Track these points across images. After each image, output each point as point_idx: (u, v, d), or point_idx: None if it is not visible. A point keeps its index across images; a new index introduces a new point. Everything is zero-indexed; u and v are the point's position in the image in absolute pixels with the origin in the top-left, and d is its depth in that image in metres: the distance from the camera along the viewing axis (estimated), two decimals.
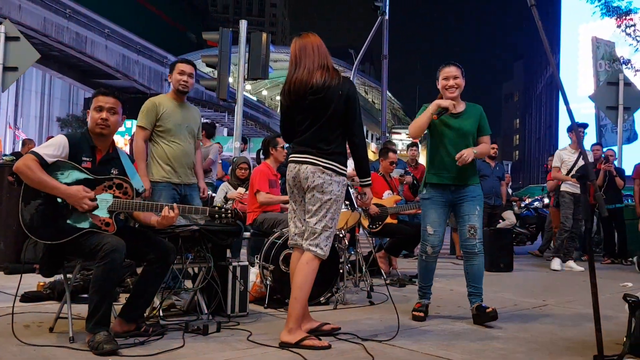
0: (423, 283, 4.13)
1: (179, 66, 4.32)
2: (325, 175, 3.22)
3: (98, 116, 3.24)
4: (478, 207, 3.95)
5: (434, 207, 4.01)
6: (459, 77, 3.95)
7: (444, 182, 3.98)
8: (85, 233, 3.07)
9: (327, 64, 3.30)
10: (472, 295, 3.96)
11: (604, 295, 4.92)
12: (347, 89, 3.27)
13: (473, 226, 3.91)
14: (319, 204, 3.23)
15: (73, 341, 3.04)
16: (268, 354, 2.98)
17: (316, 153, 3.25)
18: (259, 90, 56.63)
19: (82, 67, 29.75)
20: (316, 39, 3.34)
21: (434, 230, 3.99)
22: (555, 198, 8.57)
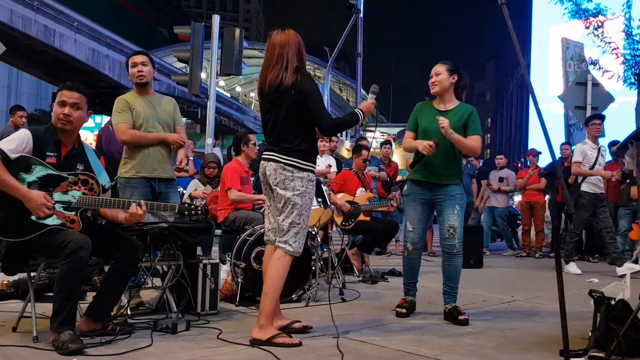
0: (406, 279, 4.15)
1: (130, 61, 4.22)
2: (286, 172, 3.24)
3: (60, 111, 3.16)
4: (457, 206, 3.93)
5: (413, 204, 4.05)
6: (440, 74, 3.97)
7: (421, 179, 4.00)
8: (50, 230, 3.00)
9: (286, 63, 3.28)
10: (446, 294, 3.98)
11: (570, 291, 5.00)
12: (302, 87, 3.24)
13: (452, 226, 3.90)
14: (283, 201, 3.25)
15: (37, 341, 2.98)
16: (238, 352, 2.95)
17: (278, 151, 3.29)
18: (232, 87, 56.31)
19: (50, 61, 29.08)
20: (282, 37, 3.32)
21: (412, 227, 4.03)
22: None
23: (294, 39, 3.32)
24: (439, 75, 3.98)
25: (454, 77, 4.00)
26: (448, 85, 3.98)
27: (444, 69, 3.99)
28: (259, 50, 47.35)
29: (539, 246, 9.18)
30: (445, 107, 4.01)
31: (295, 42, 3.32)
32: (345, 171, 6.80)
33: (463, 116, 3.96)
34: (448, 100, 4.02)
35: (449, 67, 4.00)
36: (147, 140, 4.09)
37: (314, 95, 3.24)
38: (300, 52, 3.33)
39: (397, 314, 3.96)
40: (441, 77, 3.97)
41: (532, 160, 9.50)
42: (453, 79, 4.00)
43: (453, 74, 3.99)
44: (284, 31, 3.35)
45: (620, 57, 13.98)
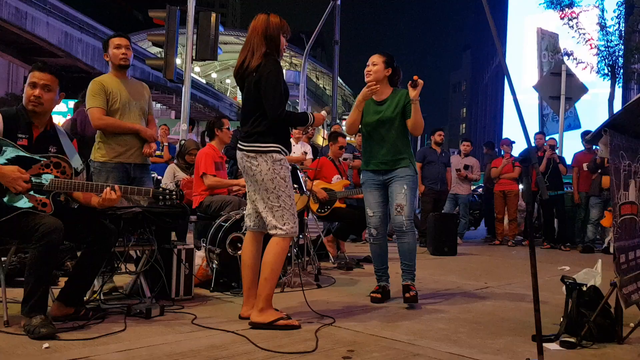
0: (377, 265, 4.18)
1: (113, 41, 4.13)
2: (250, 159, 3.25)
3: (31, 92, 3.09)
4: (405, 186, 3.98)
5: (369, 189, 4.13)
6: (377, 64, 4.03)
7: (373, 168, 4.10)
8: (21, 214, 2.94)
9: (252, 48, 3.28)
10: (403, 272, 4.03)
11: (542, 278, 5.09)
12: (261, 70, 3.22)
13: (399, 204, 3.95)
14: (257, 187, 3.27)
15: (8, 325, 2.94)
16: (212, 337, 2.94)
17: (242, 138, 3.32)
18: (208, 73, 55.73)
19: (21, 44, 28.42)
20: (258, 22, 3.32)
21: (373, 212, 4.10)
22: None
23: (262, 25, 3.30)
24: (375, 65, 4.05)
25: (388, 70, 4.07)
26: (381, 77, 4.04)
27: (380, 60, 4.06)
28: (235, 36, 46.90)
29: (512, 234, 9.31)
30: (381, 98, 4.09)
31: (262, 28, 3.29)
32: (321, 158, 6.80)
33: (400, 102, 4.03)
34: (382, 91, 4.07)
35: (385, 59, 4.07)
36: (122, 129, 4.03)
37: (270, 79, 3.20)
38: (270, 38, 3.28)
39: (372, 299, 3.99)
40: (376, 68, 4.04)
41: (506, 150, 9.60)
42: (387, 72, 4.07)
43: (388, 67, 4.06)
44: (257, 17, 3.36)
45: (594, 49, 14.20)
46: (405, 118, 4.03)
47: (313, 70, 53.30)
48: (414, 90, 3.92)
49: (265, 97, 3.20)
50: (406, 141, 4.11)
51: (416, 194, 4.16)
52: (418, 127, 4.02)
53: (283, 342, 2.87)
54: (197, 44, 9.79)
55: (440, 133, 8.77)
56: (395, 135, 4.05)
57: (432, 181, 8.44)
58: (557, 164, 8.92)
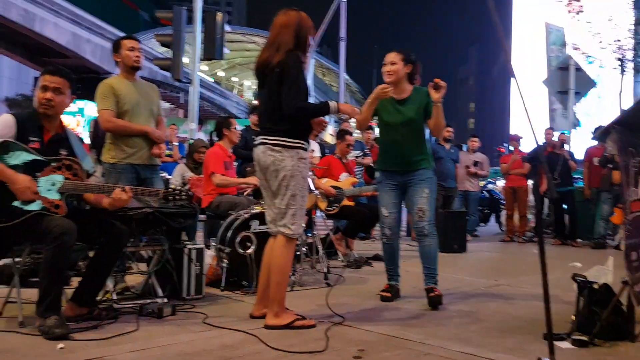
0: (388, 265, 4.17)
1: (127, 43, 4.15)
2: (275, 153, 3.19)
3: (42, 96, 3.12)
4: (426, 189, 3.94)
5: (385, 189, 4.07)
6: (396, 63, 3.94)
7: (391, 169, 4.04)
8: (35, 215, 2.97)
9: (279, 42, 3.24)
10: (425, 276, 4.01)
11: (553, 275, 5.02)
12: (283, 64, 3.19)
13: (421, 208, 3.93)
14: (277, 183, 3.21)
15: (23, 326, 2.97)
16: (224, 336, 2.96)
17: (265, 132, 3.26)
18: (215, 72, 55.78)
19: (31, 45, 28.57)
20: (282, 18, 3.28)
21: (388, 212, 4.05)
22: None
23: (294, 21, 3.26)
24: (394, 64, 3.95)
25: (408, 67, 3.98)
26: (403, 75, 3.97)
27: (398, 59, 3.96)
28: (241, 35, 46.92)
29: (522, 231, 9.28)
30: (401, 96, 4.00)
31: (294, 24, 3.25)
32: (328, 156, 6.80)
33: (422, 101, 3.96)
34: (403, 89, 4.00)
35: (403, 56, 3.98)
36: (131, 131, 4.06)
37: (291, 72, 3.17)
38: (299, 35, 3.26)
39: (381, 298, 3.99)
40: (396, 67, 3.94)
41: (515, 145, 9.55)
42: (407, 69, 3.98)
43: (408, 63, 3.97)
44: (286, 12, 3.31)
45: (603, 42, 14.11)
46: (426, 118, 3.98)
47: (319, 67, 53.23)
48: (436, 92, 3.81)
49: (285, 88, 3.16)
50: (425, 142, 4.06)
51: (435, 195, 4.12)
52: (440, 128, 3.98)
53: (294, 341, 2.89)
54: (204, 44, 9.82)
55: (449, 129, 8.72)
56: (416, 136, 4.00)
57: (441, 178, 8.39)
58: (566, 160, 8.86)
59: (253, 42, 48.50)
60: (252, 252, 4.26)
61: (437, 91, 3.81)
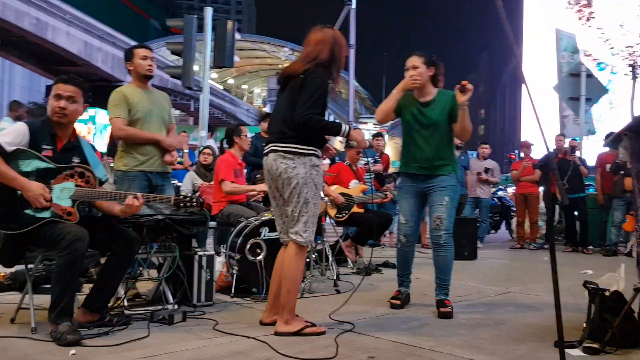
0: (400, 271, 4.13)
1: (140, 52, 4.20)
2: (287, 160, 3.17)
3: (56, 104, 3.16)
4: (447, 197, 3.86)
5: (405, 196, 4.01)
6: (418, 67, 3.85)
7: (414, 172, 3.95)
8: (47, 223, 3.01)
9: (313, 57, 3.25)
10: (437, 287, 3.94)
11: (565, 283, 5.02)
12: (309, 73, 3.20)
13: (439, 217, 3.86)
14: (289, 191, 3.19)
15: (35, 332, 3.00)
16: (234, 343, 2.97)
17: (277, 139, 3.24)
18: (225, 79, 56.06)
19: (43, 54, 28.87)
20: (318, 34, 3.31)
21: (405, 220, 4.00)
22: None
23: (330, 38, 3.29)
24: (416, 69, 3.86)
25: (431, 69, 3.90)
26: (427, 79, 3.90)
27: (420, 62, 3.87)
28: (251, 42, 47.14)
29: (533, 238, 9.22)
30: (425, 99, 3.93)
31: (330, 41, 3.29)
32: (338, 163, 6.82)
33: (446, 104, 3.87)
34: (427, 91, 3.93)
35: (424, 59, 3.89)
36: (142, 139, 4.10)
37: (314, 83, 3.17)
38: (334, 51, 3.28)
39: (391, 305, 3.97)
40: (419, 71, 3.86)
41: (526, 152, 9.52)
42: (430, 71, 3.90)
43: (430, 66, 3.90)
44: (322, 29, 3.33)
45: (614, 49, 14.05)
46: (451, 122, 3.88)
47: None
48: (462, 95, 3.73)
49: (302, 97, 3.15)
50: (450, 146, 3.98)
51: (456, 204, 4.05)
52: (466, 132, 3.87)
53: (304, 348, 2.89)
54: (214, 52, 9.88)
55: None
56: (440, 139, 3.90)
57: None
58: (577, 166, 8.81)
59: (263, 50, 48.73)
60: (262, 259, 4.28)
61: (463, 94, 3.72)
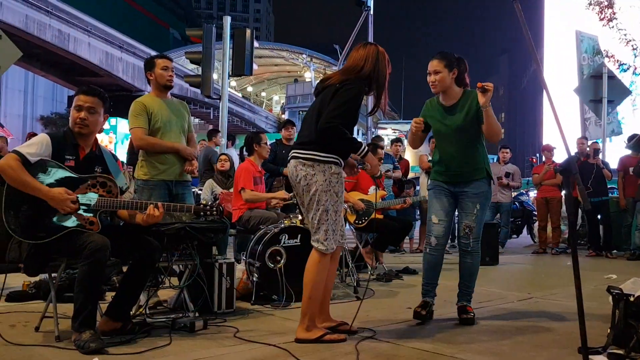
0: (427, 279, 3.86)
1: (160, 62, 4.26)
2: (306, 168, 3.17)
3: (77, 115, 3.21)
4: (478, 205, 3.72)
5: (437, 196, 3.82)
6: (440, 72, 3.69)
7: (446, 180, 3.81)
8: (70, 232, 3.05)
9: (356, 69, 3.27)
10: (460, 292, 3.87)
11: (588, 288, 4.97)
12: (345, 82, 3.21)
13: (468, 225, 3.73)
14: (308, 198, 3.19)
15: (59, 340, 3.04)
16: (255, 350, 2.98)
17: (298, 147, 3.26)
18: (244, 87, 56.46)
19: (65, 65, 29.41)
20: (361, 51, 3.33)
21: (438, 220, 3.78)
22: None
23: (373, 54, 3.32)
24: (438, 74, 3.70)
25: (454, 72, 3.72)
26: (449, 83, 3.73)
27: (441, 66, 3.70)
28: (269, 50, 47.45)
29: (555, 242, 9.11)
30: (449, 103, 3.78)
31: (374, 56, 3.31)
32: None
33: (471, 106, 3.70)
34: (451, 94, 3.77)
35: (445, 62, 3.71)
36: (162, 148, 4.15)
37: (348, 93, 3.16)
38: (377, 67, 3.30)
39: (415, 314, 3.69)
40: (440, 77, 3.70)
41: (547, 156, 9.42)
42: (453, 74, 3.72)
43: (452, 69, 3.71)
44: (365, 46, 3.37)
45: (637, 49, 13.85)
46: (480, 123, 3.69)
47: None
48: (483, 96, 3.55)
49: (331, 105, 3.14)
50: (481, 149, 3.80)
51: (487, 210, 3.91)
52: (494, 133, 3.66)
53: (324, 355, 2.89)
54: (233, 60, 9.96)
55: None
56: (469, 144, 3.74)
57: None
58: (600, 169, 8.69)
59: (281, 57, 49.01)
60: (281, 266, 4.29)
61: (483, 95, 3.57)
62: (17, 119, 34.55)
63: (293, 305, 4.10)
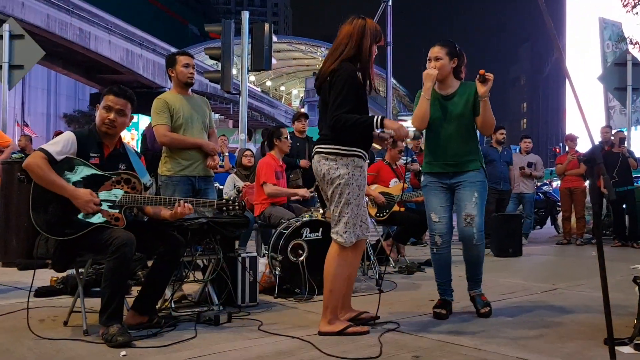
0: (440, 279, 3.78)
1: (182, 59, 4.29)
2: (329, 162, 3.17)
3: (106, 116, 3.26)
4: (476, 193, 3.63)
5: (433, 192, 3.75)
6: (441, 58, 3.65)
7: (439, 170, 3.73)
8: (96, 228, 3.11)
9: (340, 50, 3.23)
10: (469, 280, 3.81)
11: (614, 279, 4.91)
12: (334, 73, 3.18)
13: (469, 214, 3.60)
14: (331, 190, 3.20)
15: (87, 334, 3.10)
16: (279, 343, 3.00)
17: (321, 142, 3.25)
18: (263, 81, 56.59)
19: (86, 63, 29.80)
20: (348, 26, 3.27)
21: (438, 217, 3.71)
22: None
23: (358, 30, 3.24)
24: (439, 60, 3.66)
25: (454, 61, 3.70)
26: (449, 71, 3.69)
27: (443, 53, 3.66)
28: (287, 44, 47.47)
29: (580, 233, 9.00)
30: (447, 92, 3.73)
31: (358, 33, 3.23)
32: (378, 162, 6.80)
33: (470, 97, 3.67)
34: (449, 84, 3.73)
35: (447, 49, 3.68)
36: (185, 144, 4.18)
37: (340, 81, 3.14)
38: (362, 44, 3.22)
39: (435, 314, 3.61)
40: (441, 63, 3.65)
41: (571, 145, 9.29)
42: (453, 63, 3.70)
43: (453, 57, 3.69)
44: (352, 20, 3.29)
45: None
46: (475, 115, 3.68)
47: None
48: (483, 86, 3.54)
49: (332, 98, 3.14)
50: (475, 140, 3.76)
51: (485, 200, 3.78)
52: (488, 125, 3.65)
53: (348, 347, 2.91)
54: (252, 55, 9.99)
55: (502, 131, 8.53)
56: (465, 134, 3.69)
57: (494, 181, 8.21)
58: (626, 158, 8.56)
59: (299, 51, 49.02)
60: (303, 260, 4.31)
61: (483, 84, 3.56)
62: (41, 117, 35.10)
63: (316, 298, 4.13)
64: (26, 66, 8.63)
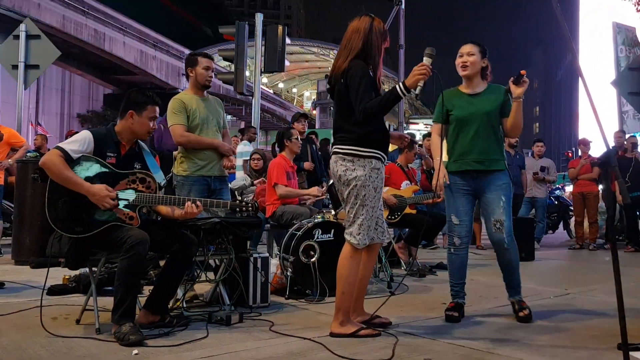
0: (454, 280, 3.77)
1: (204, 61, 4.29)
2: (346, 162, 3.16)
3: (152, 126, 3.38)
4: (503, 197, 3.62)
5: (456, 194, 3.73)
6: (474, 54, 3.66)
7: (463, 168, 3.70)
8: (110, 227, 3.13)
9: (349, 48, 3.21)
10: (508, 288, 3.79)
11: (627, 284, 4.86)
12: (346, 73, 3.16)
13: (498, 220, 3.61)
14: (347, 192, 3.19)
15: (99, 332, 3.11)
16: (290, 344, 3.01)
17: (339, 142, 3.23)
18: (275, 83, 56.70)
19: (101, 64, 30.03)
20: (355, 23, 3.26)
21: (459, 220, 3.71)
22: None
23: (365, 27, 3.23)
24: (471, 55, 3.66)
25: (484, 61, 3.70)
26: (479, 69, 3.69)
27: (476, 50, 3.67)
28: (300, 46, 47.52)
29: (593, 238, 8.92)
30: (475, 91, 3.72)
31: (365, 30, 3.22)
32: (389, 164, 6.78)
33: (499, 97, 3.68)
34: (477, 83, 3.73)
35: (480, 48, 3.69)
36: (202, 145, 4.21)
37: (355, 78, 3.11)
38: (369, 41, 3.21)
39: (447, 317, 3.59)
40: (473, 59, 3.65)
41: (584, 150, 9.23)
42: (483, 62, 3.70)
43: (484, 57, 3.70)
44: (360, 18, 3.28)
45: None
46: (502, 116, 3.67)
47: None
48: (518, 87, 3.51)
49: (352, 96, 3.11)
50: (501, 141, 3.74)
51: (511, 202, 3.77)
52: (518, 127, 3.63)
53: (359, 349, 2.90)
54: (264, 57, 10.02)
55: None
56: (492, 133, 3.67)
57: None
58: (639, 163, 8.49)
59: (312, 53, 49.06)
60: (315, 261, 4.31)
61: (518, 86, 3.52)
62: (55, 117, 35.35)
63: (327, 300, 4.13)
64: (42, 66, 8.71)
